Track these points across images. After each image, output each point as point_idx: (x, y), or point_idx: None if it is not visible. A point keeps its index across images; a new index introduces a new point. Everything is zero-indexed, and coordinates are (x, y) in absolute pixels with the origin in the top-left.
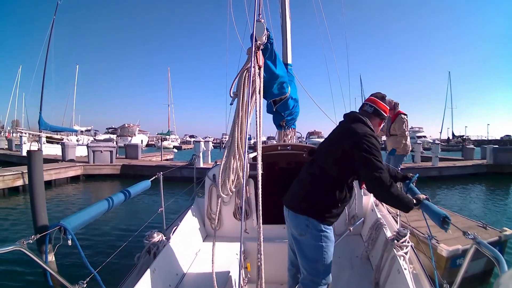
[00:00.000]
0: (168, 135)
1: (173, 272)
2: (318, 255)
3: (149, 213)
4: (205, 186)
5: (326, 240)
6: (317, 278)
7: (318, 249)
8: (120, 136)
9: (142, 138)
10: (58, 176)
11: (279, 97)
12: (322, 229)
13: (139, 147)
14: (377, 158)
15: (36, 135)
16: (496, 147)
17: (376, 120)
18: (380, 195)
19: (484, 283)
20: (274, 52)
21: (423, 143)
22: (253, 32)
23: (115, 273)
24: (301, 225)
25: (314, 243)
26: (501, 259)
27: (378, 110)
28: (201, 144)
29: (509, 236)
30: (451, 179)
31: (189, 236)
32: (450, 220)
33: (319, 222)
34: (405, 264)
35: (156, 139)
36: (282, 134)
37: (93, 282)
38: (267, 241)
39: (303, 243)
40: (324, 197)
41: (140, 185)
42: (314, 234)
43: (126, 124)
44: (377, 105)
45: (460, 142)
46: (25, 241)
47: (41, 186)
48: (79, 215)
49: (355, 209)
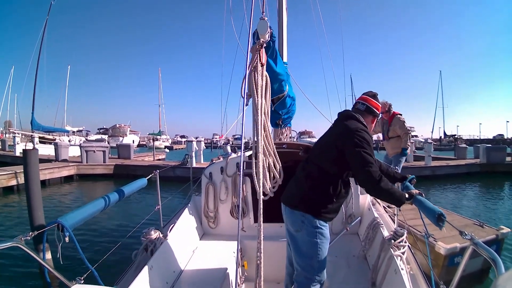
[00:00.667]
0: (159, 135)
1: (170, 269)
2: (312, 251)
3: (145, 211)
4: (201, 184)
5: (321, 237)
6: (310, 275)
7: (313, 245)
8: (111, 136)
9: (134, 138)
10: (52, 176)
11: (277, 95)
12: (317, 225)
13: (132, 147)
14: (367, 152)
15: (29, 136)
16: (489, 146)
17: (369, 118)
18: (370, 189)
19: (482, 281)
20: (275, 50)
21: (415, 142)
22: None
23: (112, 270)
24: (297, 221)
25: (309, 239)
26: (498, 260)
27: (370, 107)
28: (194, 144)
29: (506, 234)
30: (444, 178)
31: (186, 233)
32: (445, 217)
33: (315, 218)
34: (402, 264)
35: (147, 139)
36: (278, 132)
37: (90, 279)
38: (264, 240)
39: (299, 239)
40: (319, 193)
41: (136, 183)
42: (310, 230)
43: (117, 125)
44: (369, 102)
45: (452, 142)
46: (23, 238)
47: (37, 184)
48: (77, 213)
49: (352, 208)
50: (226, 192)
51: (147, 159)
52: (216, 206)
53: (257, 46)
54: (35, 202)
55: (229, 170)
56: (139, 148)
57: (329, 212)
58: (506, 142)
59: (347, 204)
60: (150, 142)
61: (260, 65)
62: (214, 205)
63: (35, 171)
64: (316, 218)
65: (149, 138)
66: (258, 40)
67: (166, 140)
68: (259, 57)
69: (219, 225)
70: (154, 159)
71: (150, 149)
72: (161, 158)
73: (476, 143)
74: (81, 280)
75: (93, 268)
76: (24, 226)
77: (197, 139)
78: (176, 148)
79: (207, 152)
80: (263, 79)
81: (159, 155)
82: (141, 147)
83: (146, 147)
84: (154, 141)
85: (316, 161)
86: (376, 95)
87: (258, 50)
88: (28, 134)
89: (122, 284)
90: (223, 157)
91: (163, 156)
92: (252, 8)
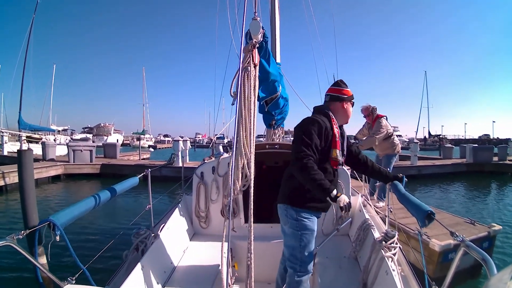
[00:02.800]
0: (143, 135)
1: (161, 269)
2: (295, 242)
3: (136, 211)
4: (193, 184)
5: (302, 228)
6: (294, 265)
7: (294, 236)
8: (96, 135)
9: (118, 137)
10: (39, 176)
11: (270, 96)
12: (297, 217)
13: (117, 147)
14: (304, 141)
15: (16, 135)
16: (476, 146)
17: (337, 104)
18: (295, 173)
19: (475, 277)
20: (268, 50)
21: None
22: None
23: (104, 269)
24: (282, 215)
25: (291, 230)
26: (489, 261)
27: (333, 95)
28: (180, 143)
29: (498, 231)
30: (431, 178)
31: (176, 233)
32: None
33: (295, 210)
34: (394, 266)
35: (131, 139)
36: (272, 133)
37: (82, 278)
38: (254, 240)
39: (286, 231)
40: (294, 181)
41: (128, 182)
42: (291, 222)
43: (101, 124)
44: (330, 91)
45: (437, 141)
46: (15, 237)
47: (32, 184)
48: (68, 211)
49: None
50: (217, 192)
51: (132, 159)
52: (207, 206)
53: (249, 47)
54: (29, 203)
55: (220, 170)
56: (123, 147)
57: (310, 200)
58: (492, 142)
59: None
60: (134, 141)
61: (253, 66)
62: (205, 205)
63: (29, 172)
64: (297, 210)
65: (133, 137)
66: (250, 41)
67: (149, 139)
68: (251, 57)
69: (210, 225)
70: (140, 158)
71: (134, 148)
72: (146, 157)
73: (461, 143)
74: (72, 280)
75: (84, 267)
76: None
77: (183, 138)
78: (159, 147)
79: (191, 152)
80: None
81: (144, 155)
82: (125, 146)
83: (130, 146)
84: (139, 140)
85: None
86: (338, 82)
87: (250, 51)
88: (15, 133)
89: (114, 284)
90: (214, 156)
91: (148, 156)
92: (244, 8)
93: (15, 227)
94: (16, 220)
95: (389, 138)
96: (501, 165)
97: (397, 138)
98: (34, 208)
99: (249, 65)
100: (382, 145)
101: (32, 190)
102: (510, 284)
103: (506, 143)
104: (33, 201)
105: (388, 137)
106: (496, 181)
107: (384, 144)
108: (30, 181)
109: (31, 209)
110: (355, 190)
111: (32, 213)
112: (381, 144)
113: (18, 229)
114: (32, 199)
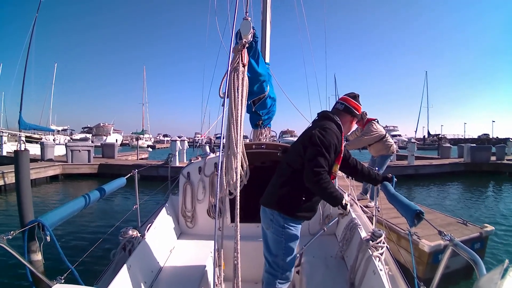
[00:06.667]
0: (142, 134)
1: (148, 268)
2: (278, 249)
3: (125, 211)
4: (179, 184)
5: (288, 236)
6: (275, 271)
7: (278, 243)
8: (95, 135)
9: (117, 137)
10: (38, 176)
11: (258, 96)
12: (284, 225)
13: (116, 146)
14: (320, 152)
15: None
16: (474, 146)
17: (347, 117)
18: (312, 187)
19: (468, 278)
20: (258, 50)
21: (398, 141)
22: (238, 30)
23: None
24: (267, 219)
25: (275, 237)
26: (479, 261)
27: (349, 107)
28: (177, 143)
29: (490, 232)
30: (428, 177)
31: (163, 233)
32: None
33: (283, 218)
34: (381, 265)
35: (130, 139)
36: (258, 133)
37: (71, 278)
38: (241, 240)
39: (269, 236)
40: (289, 189)
41: (115, 183)
42: (276, 229)
43: (101, 124)
44: (348, 102)
45: (436, 141)
46: (5, 237)
47: (28, 184)
48: (57, 212)
49: (329, 208)
50: (204, 192)
51: (130, 159)
52: (194, 205)
53: (239, 47)
54: (25, 203)
55: (207, 170)
56: (122, 147)
57: (302, 210)
58: (491, 142)
59: (324, 205)
60: (133, 141)
61: (242, 66)
62: (191, 205)
63: (26, 172)
64: (285, 218)
65: (132, 137)
66: (240, 41)
67: (148, 139)
68: (241, 57)
69: (196, 225)
70: (137, 158)
71: (133, 148)
72: (144, 157)
73: (460, 143)
74: (61, 280)
75: (73, 267)
76: (13, 226)
77: (181, 138)
78: (158, 147)
79: (190, 151)
80: (243, 80)
81: (142, 154)
82: (124, 146)
83: (129, 146)
84: (137, 140)
85: (288, 159)
86: (356, 96)
87: (240, 51)
88: (14, 134)
89: (101, 284)
90: (201, 157)
91: (146, 156)
92: (236, 8)
93: (12, 226)
94: (13, 219)
95: (382, 140)
96: (499, 165)
97: (391, 138)
98: (30, 207)
99: (238, 65)
100: (376, 147)
101: (28, 190)
102: (500, 284)
103: (505, 142)
104: (29, 201)
105: (381, 139)
106: (494, 181)
107: (378, 146)
108: (26, 181)
109: (26, 209)
110: (341, 189)
111: (27, 212)
112: (375, 146)
113: (15, 228)
114: (28, 199)
